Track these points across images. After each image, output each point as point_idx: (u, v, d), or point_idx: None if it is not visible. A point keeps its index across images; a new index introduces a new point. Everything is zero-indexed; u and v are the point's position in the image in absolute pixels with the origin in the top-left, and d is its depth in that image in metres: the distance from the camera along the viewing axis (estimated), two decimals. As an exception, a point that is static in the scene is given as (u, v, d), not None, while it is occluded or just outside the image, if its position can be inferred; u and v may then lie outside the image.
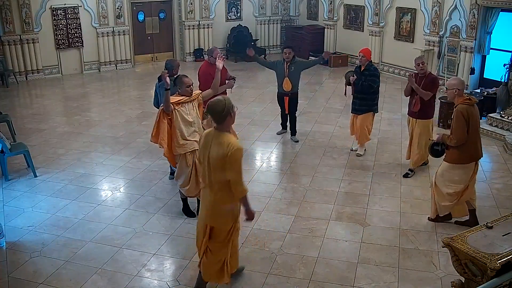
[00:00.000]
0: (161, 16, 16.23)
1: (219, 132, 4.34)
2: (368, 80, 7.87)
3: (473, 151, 5.76)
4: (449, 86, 5.78)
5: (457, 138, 5.65)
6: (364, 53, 7.95)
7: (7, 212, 6.57)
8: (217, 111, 4.27)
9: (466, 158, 5.76)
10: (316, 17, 17.48)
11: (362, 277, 5.17)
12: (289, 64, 8.63)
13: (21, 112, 11.23)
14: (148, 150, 8.70)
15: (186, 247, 5.73)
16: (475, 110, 5.70)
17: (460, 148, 5.70)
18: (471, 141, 5.70)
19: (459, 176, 5.83)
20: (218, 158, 4.26)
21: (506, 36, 11.44)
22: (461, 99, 5.69)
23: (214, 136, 4.36)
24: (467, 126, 5.60)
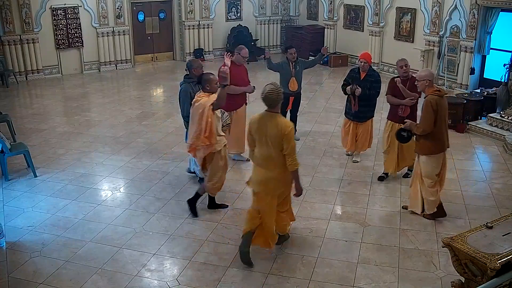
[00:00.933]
0: (161, 16, 16.23)
1: (272, 114, 5.07)
2: (375, 88, 7.56)
3: (441, 142, 6.02)
4: (420, 78, 5.99)
5: (424, 127, 5.89)
6: (365, 59, 7.57)
7: (7, 212, 6.57)
8: (273, 98, 4.99)
9: (436, 149, 6.01)
10: (316, 17, 17.48)
11: (362, 277, 5.17)
12: (294, 63, 8.62)
13: (21, 112, 11.23)
14: (148, 150, 8.70)
15: (186, 247, 5.73)
16: (444, 102, 5.94)
17: (430, 140, 5.94)
18: (439, 131, 5.94)
19: (432, 168, 6.07)
20: (276, 136, 4.99)
21: (506, 36, 11.44)
22: (431, 90, 5.91)
23: (268, 118, 5.07)
24: (435, 117, 5.83)
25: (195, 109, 6.05)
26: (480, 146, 9.00)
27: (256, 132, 5.14)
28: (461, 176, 7.63)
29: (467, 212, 6.52)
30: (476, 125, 9.61)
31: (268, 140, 5.04)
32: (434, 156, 6.03)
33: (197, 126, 5.97)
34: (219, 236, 5.96)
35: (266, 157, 5.13)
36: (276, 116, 5.08)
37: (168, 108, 11.46)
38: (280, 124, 5.00)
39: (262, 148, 5.13)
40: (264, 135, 5.06)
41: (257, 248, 5.67)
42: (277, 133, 4.98)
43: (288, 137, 4.98)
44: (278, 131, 4.98)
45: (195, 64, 6.89)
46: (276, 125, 5.00)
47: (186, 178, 7.53)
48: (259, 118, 5.15)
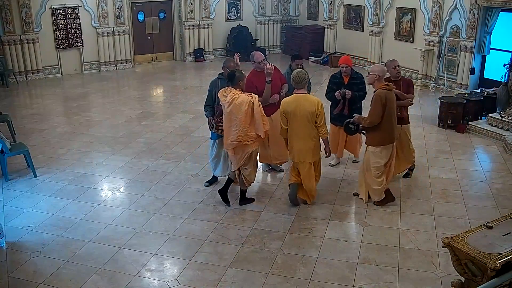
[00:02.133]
0: (161, 16, 16.23)
1: (303, 95, 6.20)
2: (362, 89, 7.40)
3: (391, 133, 6.37)
4: (371, 72, 6.35)
5: (371, 119, 6.23)
6: (346, 63, 7.34)
7: (7, 212, 6.57)
8: (301, 78, 6.15)
9: (386, 140, 6.35)
10: (316, 17, 17.47)
11: (362, 277, 5.17)
12: None
13: (21, 112, 11.23)
14: (148, 150, 8.70)
15: (186, 247, 5.73)
16: (392, 96, 6.32)
17: (379, 131, 6.27)
18: (389, 124, 6.28)
19: (381, 158, 6.39)
20: (310, 112, 6.10)
21: (506, 36, 11.44)
22: (380, 84, 6.25)
23: (302, 99, 6.15)
24: (383, 110, 6.15)
25: (235, 108, 6.10)
26: (480, 146, 9.00)
27: (294, 111, 6.12)
28: (461, 176, 7.63)
29: (467, 212, 6.52)
30: (476, 125, 9.61)
31: (304, 117, 6.10)
32: (384, 147, 6.36)
33: (243, 123, 6.11)
34: (219, 236, 5.96)
35: (303, 131, 6.18)
36: (308, 96, 6.23)
37: (168, 108, 11.46)
38: (313, 102, 6.12)
39: (299, 124, 6.16)
40: (300, 113, 6.10)
41: (257, 248, 5.68)
42: (312, 109, 6.08)
43: (321, 112, 6.14)
44: (312, 108, 6.08)
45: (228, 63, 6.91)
46: (311, 103, 6.11)
47: (186, 178, 7.53)
48: (294, 99, 6.18)
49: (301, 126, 6.20)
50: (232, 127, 6.20)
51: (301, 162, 6.38)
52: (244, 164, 6.42)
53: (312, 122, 6.17)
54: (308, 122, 6.16)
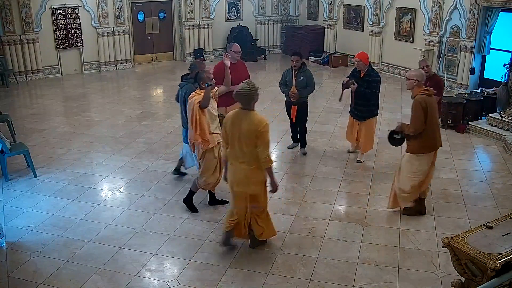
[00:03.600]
0: (161, 16, 16.23)
1: (247, 111, 5.08)
2: (372, 88, 7.56)
3: (433, 141, 6.04)
4: (409, 77, 6.03)
5: (415, 127, 5.91)
6: (360, 58, 7.55)
7: (7, 212, 6.57)
8: (245, 96, 5.03)
9: (427, 148, 6.03)
10: (316, 17, 17.48)
11: (362, 277, 5.17)
12: (297, 72, 7.94)
13: (21, 112, 11.23)
14: (148, 150, 8.70)
15: (186, 247, 5.73)
16: (433, 101, 6.00)
17: (420, 138, 5.95)
18: (429, 131, 5.96)
19: (420, 166, 6.07)
20: (250, 132, 4.98)
21: (506, 36, 11.44)
22: (419, 89, 5.96)
23: (242, 115, 5.07)
24: (425, 116, 5.85)
25: (188, 107, 6.10)
26: (480, 146, 9.00)
27: (230, 128, 5.13)
28: (461, 176, 7.63)
29: (467, 212, 6.52)
30: (476, 125, 9.61)
31: (242, 137, 5.03)
32: (425, 155, 6.07)
33: (190, 123, 6.05)
34: (219, 236, 5.94)
35: (240, 154, 5.12)
36: (251, 113, 5.08)
37: (168, 108, 11.45)
38: (254, 120, 5.01)
39: (236, 145, 5.11)
40: (238, 131, 5.05)
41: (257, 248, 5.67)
42: (251, 129, 4.98)
43: (262, 133, 4.97)
44: (251, 127, 4.98)
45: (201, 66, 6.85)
46: (250, 121, 5.01)
47: (185, 178, 7.52)
48: (233, 115, 5.17)
49: (238, 148, 5.11)
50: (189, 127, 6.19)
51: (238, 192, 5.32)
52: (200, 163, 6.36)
53: (253, 145, 5.03)
54: (246, 143, 5.05)
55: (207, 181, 6.31)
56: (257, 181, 5.22)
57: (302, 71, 7.99)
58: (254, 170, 5.13)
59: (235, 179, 5.26)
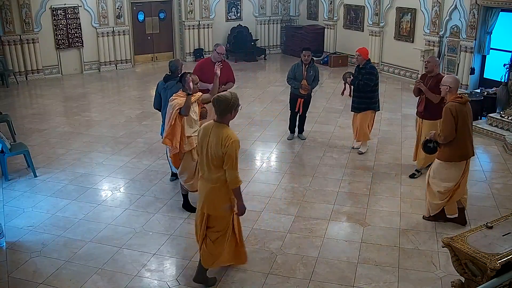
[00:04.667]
0: (161, 16, 16.23)
1: (219, 124, 4.59)
2: (365, 79, 7.90)
3: (464, 150, 5.86)
4: (443, 83, 5.93)
5: (445, 135, 5.75)
6: (360, 52, 7.98)
7: (7, 212, 6.57)
8: (222, 104, 4.52)
9: (456, 156, 5.85)
10: (316, 17, 17.48)
11: (362, 277, 5.17)
12: (307, 67, 8.52)
13: (21, 112, 11.23)
14: (148, 150, 8.70)
15: (186, 247, 5.73)
16: (466, 109, 5.79)
17: (450, 146, 5.80)
18: (461, 139, 5.78)
19: (450, 175, 5.91)
20: (216, 148, 4.50)
21: (506, 36, 11.43)
22: (452, 96, 5.81)
23: (213, 128, 4.59)
24: (455, 124, 5.69)
25: (168, 108, 6.05)
26: (480, 146, 9.00)
27: (200, 141, 4.70)
28: (461, 176, 7.62)
29: (467, 212, 6.51)
30: (476, 125, 9.59)
31: (209, 152, 4.57)
32: (456, 164, 5.88)
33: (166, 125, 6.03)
34: (219, 236, 5.95)
35: (207, 169, 4.65)
36: (222, 127, 4.55)
37: (168, 108, 11.44)
38: (222, 135, 4.48)
39: (204, 160, 4.65)
40: (206, 145, 4.60)
41: (257, 248, 5.68)
42: (218, 144, 4.49)
43: (228, 151, 4.44)
44: (218, 142, 4.48)
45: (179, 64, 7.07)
46: (218, 135, 4.50)
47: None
48: (205, 126, 4.70)
49: (205, 162, 4.65)
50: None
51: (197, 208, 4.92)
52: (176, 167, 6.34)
53: (220, 163, 4.55)
54: (213, 161, 4.57)
55: (186, 182, 6.28)
56: (218, 201, 4.69)
57: (312, 65, 8.57)
58: (217, 189, 4.64)
59: (200, 195, 4.85)
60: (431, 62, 7.17)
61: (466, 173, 5.99)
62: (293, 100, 8.89)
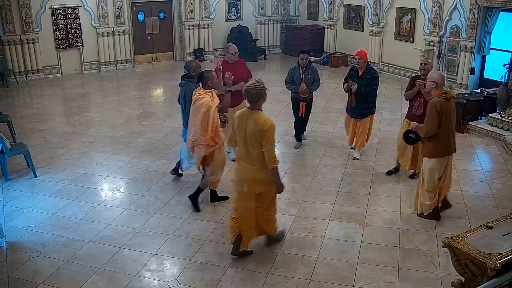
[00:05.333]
0: (161, 16, 16.23)
1: (254, 111, 5.02)
2: (371, 85, 7.70)
3: (447, 145, 5.98)
4: (429, 78, 6.00)
5: (427, 129, 5.85)
6: (361, 56, 7.71)
7: (7, 212, 6.57)
8: (254, 93, 4.97)
9: (439, 152, 5.96)
10: (316, 17, 17.48)
11: (362, 277, 5.17)
12: (305, 69, 8.23)
13: (21, 112, 11.23)
14: (148, 150, 8.70)
15: (186, 247, 5.73)
16: (450, 105, 5.89)
17: (433, 142, 5.91)
18: (444, 135, 5.89)
19: (433, 171, 6.02)
20: (255, 133, 4.92)
21: (506, 36, 11.43)
22: (437, 92, 5.89)
23: (249, 114, 5.02)
24: (439, 119, 5.77)
25: (196, 107, 6.11)
26: (480, 146, 9.00)
27: (237, 127, 5.11)
28: (461, 176, 7.62)
29: (467, 212, 6.52)
30: (476, 125, 9.61)
31: (247, 137, 4.98)
32: (438, 160, 5.99)
33: (200, 125, 6.05)
34: (219, 236, 5.96)
35: (246, 154, 5.08)
36: (257, 113, 5.00)
37: (168, 108, 11.45)
38: (259, 120, 4.92)
39: (242, 145, 5.09)
40: (243, 131, 5.01)
41: (258, 248, 5.67)
42: (256, 129, 4.91)
43: (267, 134, 4.89)
44: (257, 127, 4.90)
45: (195, 64, 6.98)
46: (255, 121, 4.93)
47: (185, 178, 7.52)
48: (240, 114, 5.14)
49: (244, 148, 5.09)
50: (190, 127, 6.24)
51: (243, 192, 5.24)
52: (206, 164, 6.40)
53: (258, 145, 4.97)
54: (252, 143, 4.99)
55: (216, 179, 6.48)
56: (262, 181, 5.13)
57: (309, 67, 8.33)
58: (259, 170, 5.06)
59: (241, 179, 5.19)
60: (428, 65, 7.10)
61: (449, 169, 6.13)
62: (295, 105, 8.62)
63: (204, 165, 6.40)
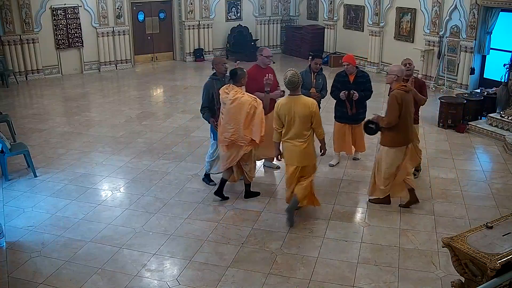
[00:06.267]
0: (161, 16, 16.23)
1: (297, 96, 5.91)
2: (368, 88, 7.54)
3: (405, 135, 6.30)
4: (390, 72, 6.26)
5: (389, 120, 6.15)
6: (349, 61, 7.48)
7: (7, 212, 6.57)
8: (295, 82, 5.85)
9: (399, 142, 6.27)
10: (316, 17, 17.47)
11: (362, 277, 5.17)
12: (316, 74, 7.83)
13: (21, 112, 11.22)
14: (148, 150, 8.70)
15: (186, 247, 5.73)
16: (409, 97, 6.23)
17: (392, 132, 6.21)
18: (403, 125, 6.20)
19: (392, 160, 6.31)
20: (305, 114, 5.81)
21: (506, 36, 11.43)
22: (398, 85, 6.19)
23: (294, 100, 5.88)
24: (400, 111, 6.08)
25: (238, 106, 6.22)
26: (480, 146, 9.00)
27: (287, 114, 5.84)
28: (461, 176, 7.63)
29: (467, 212, 6.52)
30: (476, 125, 9.61)
31: (298, 119, 5.81)
32: (398, 149, 6.28)
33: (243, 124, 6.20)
34: (219, 236, 5.96)
35: (297, 134, 5.90)
36: (300, 97, 5.90)
37: (168, 108, 11.46)
38: (307, 103, 5.86)
39: (293, 127, 5.89)
40: (292, 114, 5.82)
41: (257, 248, 5.68)
42: (306, 111, 5.80)
43: (316, 112, 5.88)
44: (307, 109, 5.81)
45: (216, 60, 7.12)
46: (304, 105, 5.83)
47: (186, 178, 7.53)
48: (287, 102, 5.89)
49: (295, 129, 5.90)
50: (228, 125, 6.31)
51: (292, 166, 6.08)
52: (244, 161, 6.55)
53: (307, 124, 5.88)
54: (302, 124, 5.86)
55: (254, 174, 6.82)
56: (310, 154, 6.05)
57: (320, 73, 7.96)
58: (307, 146, 5.96)
59: (292, 155, 6.03)
60: (412, 65, 7.13)
61: (406, 157, 6.44)
62: None
63: (242, 162, 6.55)
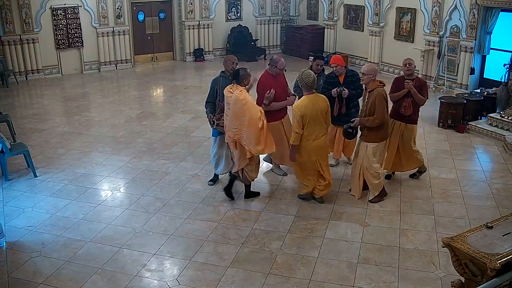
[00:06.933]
0: (161, 16, 16.23)
1: (314, 94, 6.33)
2: (359, 86, 7.30)
3: (387, 130, 6.62)
4: (367, 72, 6.38)
5: (380, 118, 6.32)
6: (337, 63, 7.40)
7: (7, 212, 6.57)
8: (309, 82, 6.21)
9: (380, 137, 6.52)
10: (316, 17, 17.47)
11: (362, 277, 5.17)
12: (318, 75, 7.38)
13: (21, 112, 11.23)
14: (148, 150, 8.70)
15: (186, 247, 5.73)
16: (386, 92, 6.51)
17: (378, 128, 6.41)
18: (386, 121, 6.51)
19: (380, 152, 6.61)
20: (325, 109, 6.34)
21: (506, 36, 11.43)
22: (376, 83, 6.35)
23: (314, 99, 6.28)
24: (386, 107, 6.37)
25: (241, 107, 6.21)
26: (480, 146, 9.00)
27: (312, 112, 6.20)
28: (461, 176, 7.63)
29: (467, 212, 6.52)
30: (476, 125, 9.61)
31: (320, 115, 6.25)
32: (382, 143, 6.54)
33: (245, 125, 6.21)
34: (219, 236, 5.96)
35: (319, 129, 6.32)
36: (317, 94, 6.39)
37: (168, 108, 11.46)
38: (323, 98, 6.40)
39: (315, 124, 6.26)
40: (315, 112, 6.21)
41: (257, 248, 5.68)
42: (325, 105, 6.33)
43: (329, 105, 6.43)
44: (325, 103, 6.33)
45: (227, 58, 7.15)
46: (323, 100, 6.36)
47: (186, 178, 7.53)
48: (308, 101, 6.23)
49: (319, 125, 6.32)
50: (232, 124, 6.32)
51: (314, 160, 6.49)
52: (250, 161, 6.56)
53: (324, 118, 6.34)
54: (323, 119, 6.34)
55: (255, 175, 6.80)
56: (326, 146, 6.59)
57: (322, 74, 7.88)
58: (324, 139, 6.48)
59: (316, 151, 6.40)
60: (413, 65, 7.04)
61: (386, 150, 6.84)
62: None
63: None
